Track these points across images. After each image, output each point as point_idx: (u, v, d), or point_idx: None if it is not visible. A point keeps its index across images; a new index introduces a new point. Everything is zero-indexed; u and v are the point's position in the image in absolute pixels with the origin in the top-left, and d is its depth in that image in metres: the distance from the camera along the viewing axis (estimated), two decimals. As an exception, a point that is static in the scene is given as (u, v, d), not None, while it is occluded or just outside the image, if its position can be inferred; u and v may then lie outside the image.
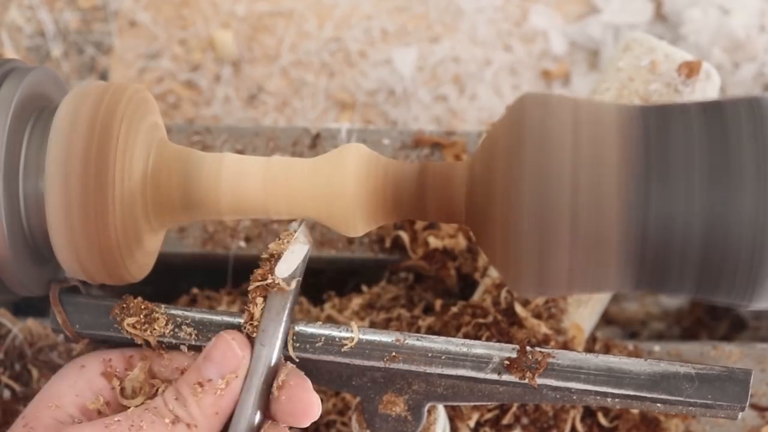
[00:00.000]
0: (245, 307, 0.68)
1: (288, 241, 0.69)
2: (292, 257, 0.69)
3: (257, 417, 0.66)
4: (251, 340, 0.67)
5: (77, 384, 0.68)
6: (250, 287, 0.68)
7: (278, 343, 0.68)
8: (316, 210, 0.69)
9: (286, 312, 0.68)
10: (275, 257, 0.68)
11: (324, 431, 0.85)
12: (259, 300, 0.68)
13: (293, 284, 0.68)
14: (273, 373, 0.67)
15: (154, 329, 0.69)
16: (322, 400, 0.83)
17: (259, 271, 0.68)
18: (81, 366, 0.69)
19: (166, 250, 0.90)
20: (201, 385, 0.65)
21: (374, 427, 0.71)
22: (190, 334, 0.69)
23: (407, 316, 0.87)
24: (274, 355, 0.67)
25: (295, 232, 0.70)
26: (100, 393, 0.69)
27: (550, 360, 0.68)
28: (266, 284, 0.68)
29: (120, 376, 0.69)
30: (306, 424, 0.67)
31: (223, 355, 0.66)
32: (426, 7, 1.22)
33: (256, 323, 0.67)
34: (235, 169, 0.70)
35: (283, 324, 0.68)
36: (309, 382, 0.68)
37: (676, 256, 0.62)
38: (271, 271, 0.68)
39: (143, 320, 0.69)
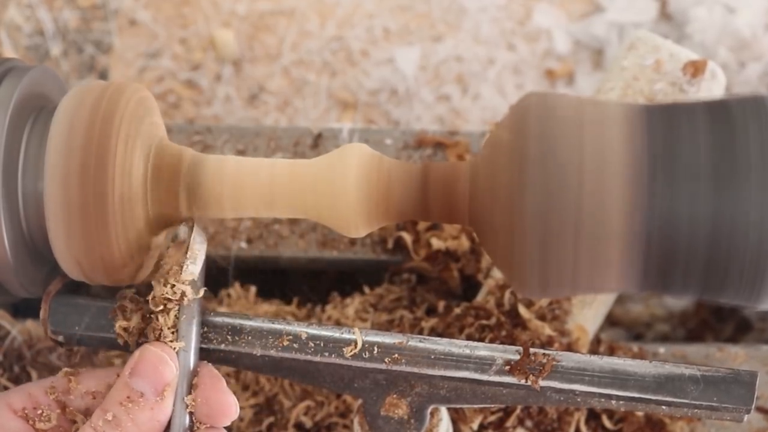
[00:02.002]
0: (151, 316, 0.67)
1: (187, 246, 0.68)
2: (196, 260, 0.68)
3: (186, 421, 0.66)
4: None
5: None
6: (156, 297, 0.67)
7: (194, 346, 0.68)
8: (318, 210, 0.69)
9: (199, 314, 0.68)
10: (180, 266, 0.68)
11: (326, 434, 0.85)
12: (172, 309, 0.67)
13: (202, 291, 0.68)
14: (193, 377, 0.68)
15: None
16: (323, 403, 0.83)
17: (166, 283, 0.68)
18: None
19: (167, 251, 0.90)
20: (131, 400, 0.64)
21: (376, 430, 0.70)
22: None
23: (410, 317, 0.87)
24: (193, 360, 0.68)
25: (189, 235, 0.69)
26: None
27: (554, 362, 0.68)
28: (178, 297, 0.67)
29: (30, 416, 0.68)
30: (226, 424, 0.67)
31: (154, 368, 0.65)
32: (428, 5, 1.22)
33: (172, 331, 0.67)
34: (237, 169, 0.69)
35: (196, 326, 0.68)
36: (223, 382, 0.67)
37: (682, 257, 0.62)
38: (179, 281, 0.67)
39: (140, 323, 0.69)
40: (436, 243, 0.88)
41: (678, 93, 0.85)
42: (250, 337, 0.69)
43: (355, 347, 0.69)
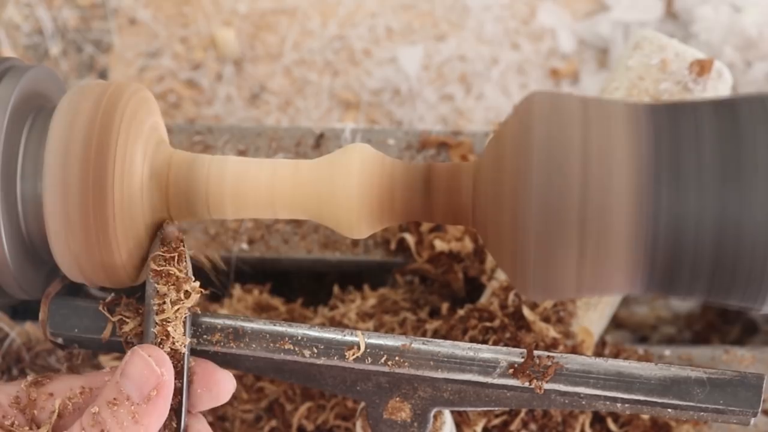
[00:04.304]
0: (156, 330, 0.67)
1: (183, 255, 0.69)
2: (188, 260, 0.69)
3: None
4: (178, 355, 0.67)
5: None
6: (168, 314, 0.67)
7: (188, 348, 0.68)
8: (320, 211, 0.69)
9: (190, 317, 0.68)
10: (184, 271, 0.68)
11: (328, 437, 0.84)
12: (179, 317, 0.67)
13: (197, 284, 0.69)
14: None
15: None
16: (324, 407, 0.83)
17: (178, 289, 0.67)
18: None
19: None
20: (117, 402, 0.64)
21: (379, 434, 0.70)
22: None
23: (413, 319, 0.87)
24: (186, 362, 0.68)
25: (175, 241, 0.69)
26: None
27: (558, 365, 0.68)
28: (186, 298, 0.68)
29: None
30: (226, 400, 0.69)
31: (140, 372, 0.64)
32: (432, 4, 1.22)
33: (180, 341, 0.67)
34: (238, 170, 0.69)
35: (189, 329, 0.68)
36: (212, 364, 0.68)
37: (687, 258, 0.62)
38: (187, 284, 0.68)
39: (138, 327, 0.69)
40: (440, 244, 0.88)
41: (684, 92, 0.85)
42: (251, 340, 0.69)
43: (358, 350, 0.69)
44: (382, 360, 0.69)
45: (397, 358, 0.69)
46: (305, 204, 0.69)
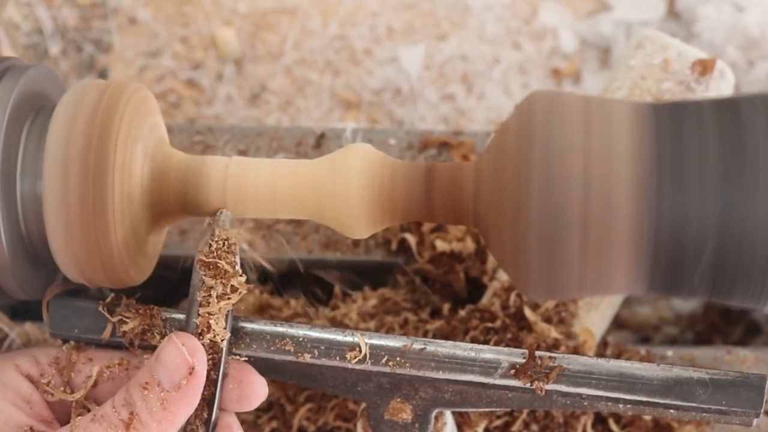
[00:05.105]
0: (198, 320, 0.67)
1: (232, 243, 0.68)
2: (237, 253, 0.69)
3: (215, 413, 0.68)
4: (216, 347, 0.67)
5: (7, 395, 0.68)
6: (212, 307, 0.67)
7: (227, 342, 0.68)
8: (321, 211, 0.69)
9: (231, 311, 0.68)
10: (231, 265, 0.67)
11: (329, 438, 0.84)
12: (222, 311, 0.67)
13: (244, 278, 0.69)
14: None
15: (155, 335, 0.69)
16: (325, 407, 0.83)
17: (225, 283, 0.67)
18: None
19: (167, 253, 0.89)
20: (148, 386, 0.64)
21: (380, 435, 0.70)
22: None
23: (414, 320, 0.87)
24: (224, 356, 0.68)
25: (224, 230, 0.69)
26: (29, 398, 0.68)
27: (561, 367, 0.67)
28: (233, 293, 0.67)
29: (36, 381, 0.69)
30: (255, 405, 0.69)
31: (173, 360, 0.65)
32: (433, 4, 1.22)
33: (220, 335, 0.67)
34: (238, 170, 0.69)
35: (230, 323, 0.68)
36: (250, 366, 0.69)
37: (690, 258, 0.62)
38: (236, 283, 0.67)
39: (138, 327, 0.69)
40: (441, 245, 0.88)
41: (686, 92, 0.85)
42: (251, 341, 0.69)
43: (359, 351, 0.68)
44: (383, 360, 0.69)
45: (398, 358, 0.69)
46: (306, 204, 0.69)
